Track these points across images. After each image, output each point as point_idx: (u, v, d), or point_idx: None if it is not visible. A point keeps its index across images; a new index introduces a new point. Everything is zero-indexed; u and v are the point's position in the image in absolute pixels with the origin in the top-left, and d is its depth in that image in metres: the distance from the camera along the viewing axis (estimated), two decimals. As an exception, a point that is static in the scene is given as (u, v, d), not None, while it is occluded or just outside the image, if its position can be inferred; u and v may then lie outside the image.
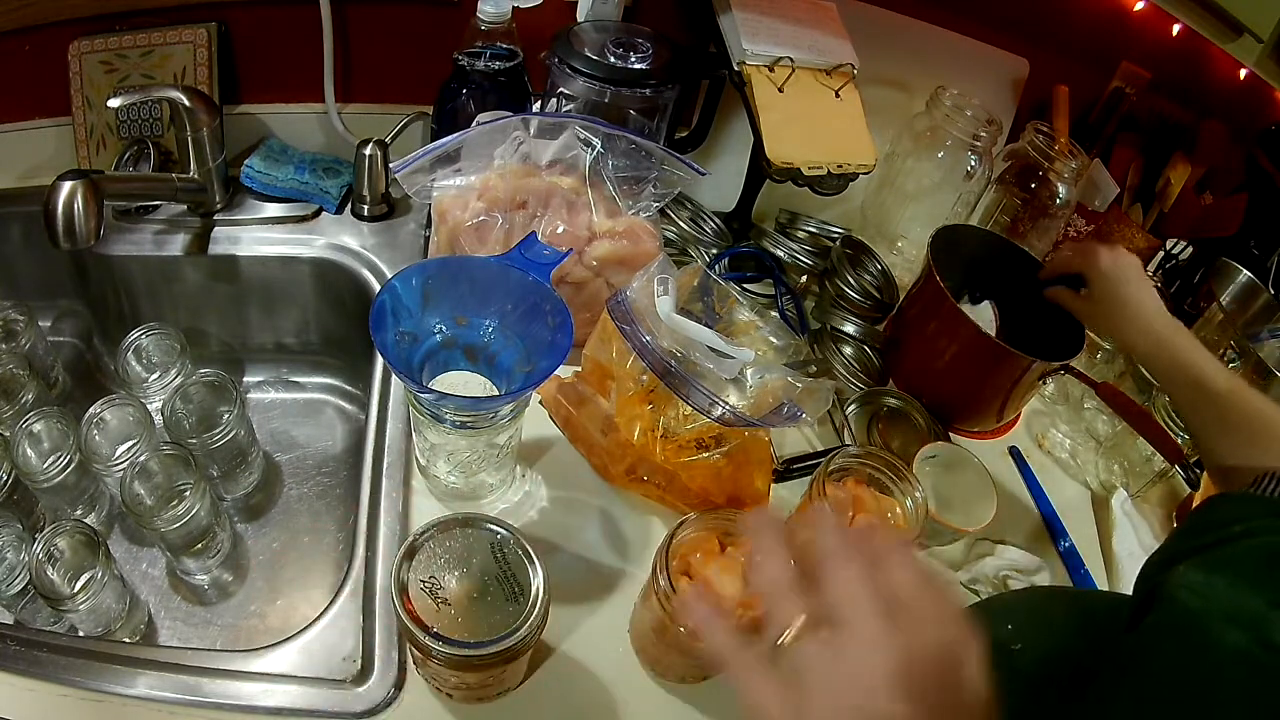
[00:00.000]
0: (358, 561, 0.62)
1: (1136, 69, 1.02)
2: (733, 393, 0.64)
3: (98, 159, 0.86)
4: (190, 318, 0.90)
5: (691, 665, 0.57)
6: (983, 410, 0.83)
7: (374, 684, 0.55)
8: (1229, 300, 0.98)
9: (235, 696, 0.53)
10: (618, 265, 0.74)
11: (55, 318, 0.93)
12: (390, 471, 0.67)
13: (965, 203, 0.98)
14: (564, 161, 0.74)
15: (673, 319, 0.61)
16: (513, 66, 0.84)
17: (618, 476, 0.68)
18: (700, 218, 0.93)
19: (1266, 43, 0.83)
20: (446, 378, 0.62)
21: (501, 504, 0.68)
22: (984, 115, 0.92)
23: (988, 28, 1.00)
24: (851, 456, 0.61)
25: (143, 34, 0.81)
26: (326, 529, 0.85)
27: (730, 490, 0.66)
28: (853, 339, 0.86)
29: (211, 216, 0.85)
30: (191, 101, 0.75)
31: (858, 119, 0.83)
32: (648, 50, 0.80)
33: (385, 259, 0.86)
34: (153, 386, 0.80)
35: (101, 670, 0.53)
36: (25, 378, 0.74)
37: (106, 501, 0.78)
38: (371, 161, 0.86)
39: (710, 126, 0.94)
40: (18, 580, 0.65)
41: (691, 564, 0.55)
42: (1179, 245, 1.02)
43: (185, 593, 0.77)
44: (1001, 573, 0.68)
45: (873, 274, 0.94)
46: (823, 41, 0.83)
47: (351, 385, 0.97)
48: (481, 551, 0.50)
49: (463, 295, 0.59)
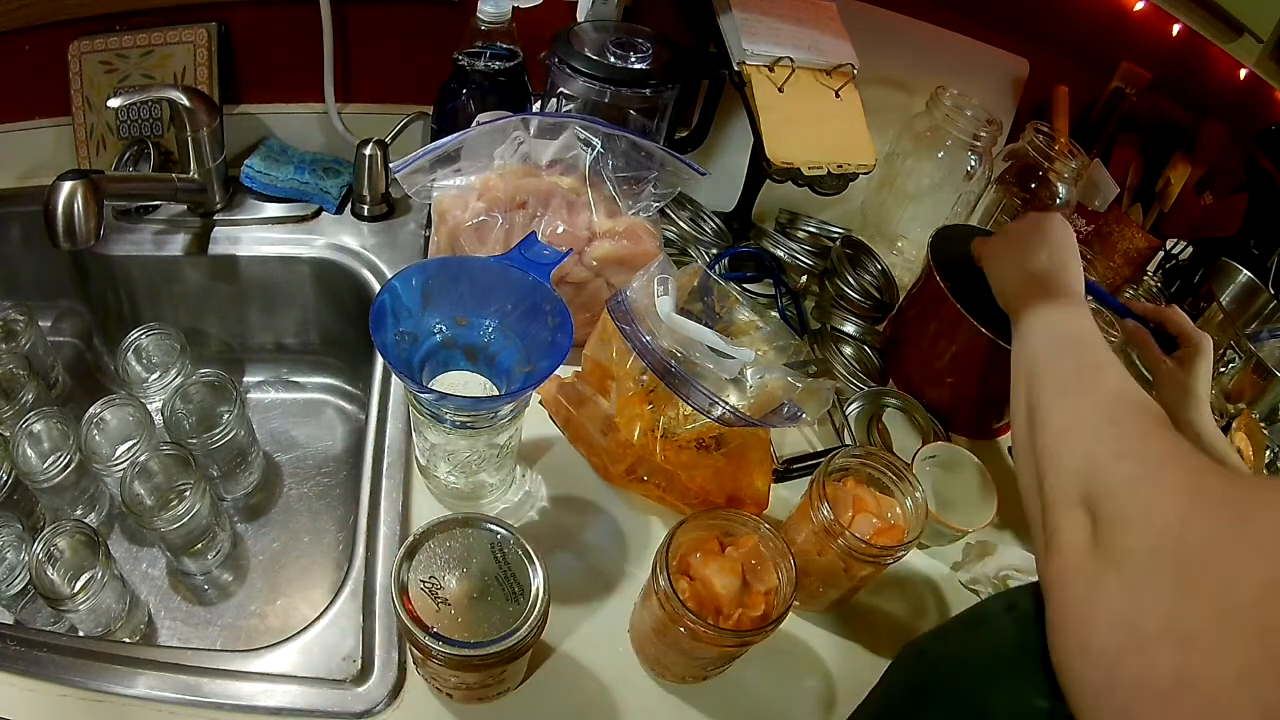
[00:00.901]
0: (358, 561, 0.62)
1: (1136, 69, 1.02)
2: (733, 393, 0.64)
3: (98, 159, 0.86)
4: (190, 318, 0.90)
5: (691, 665, 0.57)
6: (983, 410, 0.83)
7: (374, 684, 0.55)
8: (1229, 300, 0.98)
9: (235, 696, 0.53)
10: (618, 265, 0.74)
11: (55, 318, 0.93)
12: (390, 471, 0.67)
13: (965, 203, 0.98)
14: (564, 161, 0.74)
15: (673, 319, 0.61)
16: (513, 66, 0.84)
17: (618, 476, 0.68)
18: (700, 218, 0.93)
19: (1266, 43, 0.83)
20: (446, 378, 0.62)
21: (501, 504, 0.68)
22: (984, 115, 0.92)
23: (988, 28, 1.00)
24: (851, 456, 0.61)
25: (143, 34, 0.81)
26: (326, 529, 0.85)
27: (730, 490, 0.66)
28: (853, 339, 0.86)
29: (211, 216, 0.85)
30: (191, 101, 0.75)
31: (858, 119, 0.83)
32: (648, 50, 0.80)
33: (385, 259, 0.86)
34: (153, 386, 0.80)
35: (101, 670, 0.53)
36: (25, 378, 0.74)
37: (106, 501, 0.78)
38: (371, 161, 0.86)
39: (710, 126, 0.94)
40: (18, 580, 0.65)
41: (691, 564, 0.55)
42: (1179, 245, 1.02)
43: (185, 593, 0.77)
44: (1001, 572, 0.68)
45: (873, 274, 0.94)
46: (823, 41, 0.83)
47: (351, 385, 0.97)
48: (481, 551, 0.50)
49: (463, 295, 0.59)
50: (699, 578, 0.54)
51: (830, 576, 0.60)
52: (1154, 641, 0.32)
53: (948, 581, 0.71)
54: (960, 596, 0.70)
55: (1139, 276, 1.01)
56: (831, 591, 0.62)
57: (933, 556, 0.72)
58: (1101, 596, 0.35)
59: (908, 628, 0.67)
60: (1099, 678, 0.33)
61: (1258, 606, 0.30)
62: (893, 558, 0.57)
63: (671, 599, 0.50)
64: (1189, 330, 0.69)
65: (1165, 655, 0.31)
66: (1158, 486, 0.38)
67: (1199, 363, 0.67)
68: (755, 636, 0.51)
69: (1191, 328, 0.70)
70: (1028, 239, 0.66)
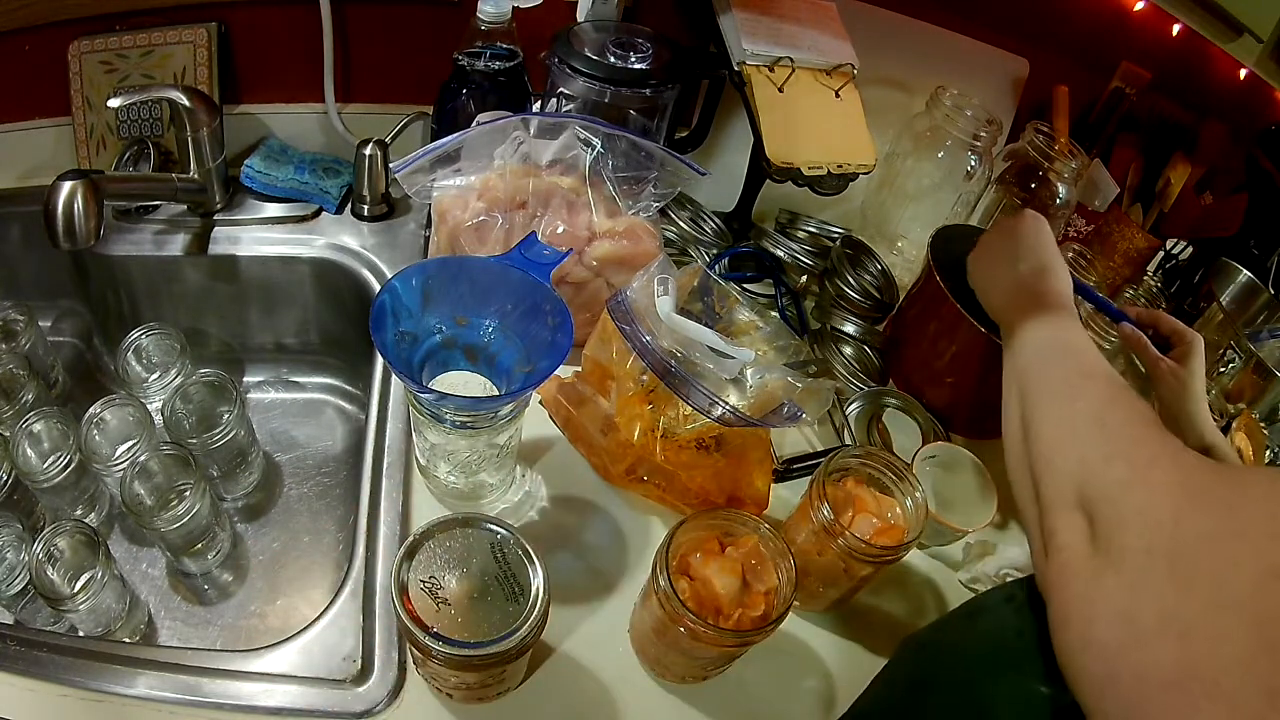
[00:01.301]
0: (358, 561, 0.62)
1: (1136, 69, 1.02)
2: (733, 393, 0.64)
3: (98, 159, 0.86)
4: (190, 318, 0.90)
5: (691, 665, 0.57)
6: (983, 410, 0.83)
7: (374, 684, 0.55)
8: (1229, 300, 0.98)
9: (235, 696, 0.53)
10: (618, 265, 0.74)
11: (55, 318, 0.93)
12: (390, 471, 0.67)
13: (965, 203, 0.98)
14: (564, 161, 0.74)
15: (673, 319, 0.61)
16: (513, 66, 0.84)
17: (618, 476, 0.68)
18: (700, 218, 0.93)
19: (1266, 43, 0.83)
20: (446, 378, 0.62)
21: (501, 504, 0.68)
22: (984, 115, 0.92)
23: (988, 28, 1.00)
24: (851, 456, 0.61)
25: (143, 34, 0.81)
26: (326, 529, 0.85)
27: (730, 490, 0.66)
28: (853, 339, 0.86)
29: (211, 216, 0.85)
30: (191, 101, 0.75)
31: (858, 119, 0.83)
32: (648, 50, 0.80)
33: (385, 259, 0.86)
34: (153, 386, 0.80)
35: (101, 670, 0.53)
36: (25, 378, 0.74)
37: (106, 501, 0.78)
38: (371, 161, 0.86)
39: (710, 126, 0.94)
40: (18, 580, 0.65)
41: (691, 564, 0.55)
42: (1179, 245, 1.02)
43: (185, 593, 0.77)
44: (1001, 572, 0.68)
45: (873, 274, 0.94)
46: (823, 41, 0.83)
47: (351, 385, 0.97)
48: (481, 551, 0.50)
49: (463, 295, 0.59)
50: (699, 578, 0.54)
51: (830, 576, 0.60)
52: (1154, 635, 0.33)
53: (948, 581, 0.71)
54: (960, 596, 0.70)
55: (1139, 276, 1.01)
56: (831, 591, 0.62)
57: (933, 556, 0.72)
58: (1101, 593, 0.36)
59: (908, 627, 0.67)
60: (1103, 670, 0.34)
61: (1253, 595, 0.31)
62: (893, 558, 0.57)
63: (671, 599, 0.50)
64: (1180, 329, 0.71)
65: (1166, 648, 0.32)
66: (1149, 486, 0.39)
67: (1194, 360, 0.69)
68: (755, 636, 0.51)
69: (1182, 327, 0.71)
70: (1003, 248, 0.68)
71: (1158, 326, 0.72)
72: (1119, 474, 0.41)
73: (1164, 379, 0.70)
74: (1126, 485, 0.40)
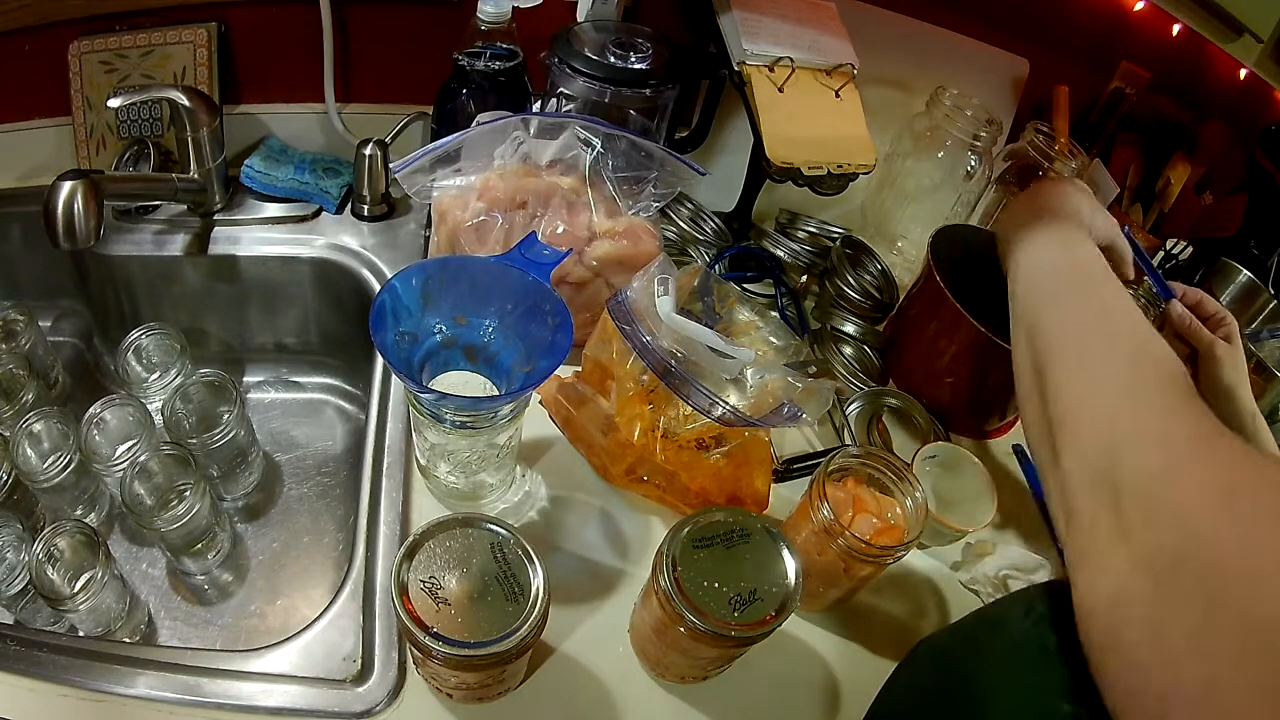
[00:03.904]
0: (358, 561, 0.62)
1: (1136, 69, 1.02)
2: (733, 393, 0.64)
3: (98, 159, 0.86)
4: (190, 318, 0.90)
5: (692, 665, 0.57)
6: (983, 410, 0.83)
7: (374, 684, 0.55)
8: (1229, 300, 0.98)
9: (235, 696, 0.53)
10: (618, 265, 0.74)
11: (55, 318, 0.93)
12: (390, 471, 0.67)
13: (965, 203, 0.98)
14: (564, 161, 0.74)
15: (673, 319, 0.61)
16: (513, 66, 0.84)
17: (618, 476, 0.68)
18: (700, 218, 0.93)
19: (1266, 43, 0.82)
20: (446, 378, 0.62)
21: (501, 504, 0.68)
22: (984, 115, 0.92)
23: (988, 28, 1.00)
24: (851, 456, 0.61)
25: (143, 34, 0.81)
26: (326, 529, 0.85)
27: (730, 490, 0.66)
28: (853, 339, 0.86)
29: (211, 216, 0.85)
30: (191, 101, 0.76)
31: (858, 119, 0.83)
32: (648, 50, 0.80)
33: (385, 259, 0.86)
34: (153, 386, 0.79)
35: (101, 670, 0.53)
36: (25, 378, 0.74)
37: (106, 501, 0.78)
38: (371, 161, 0.86)
39: (710, 126, 0.94)
40: (18, 580, 0.65)
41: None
42: (1179, 245, 1.02)
43: (185, 593, 0.77)
44: (1001, 572, 0.68)
45: (873, 274, 0.94)
46: (823, 41, 0.83)
47: (351, 385, 0.97)
48: (481, 551, 0.50)
49: (463, 295, 0.59)
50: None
51: (830, 576, 0.60)
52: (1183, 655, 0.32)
53: (948, 581, 0.71)
54: (960, 596, 0.70)
55: (1139, 277, 1.01)
56: (831, 591, 0.62)
57: (933, 556, 0.72)
58: (1128, 596, 0.35)
59: (908, 628, 0.67)
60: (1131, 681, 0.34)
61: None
62: (893, 558, 0.57)
63: (672, 599, 0.50)
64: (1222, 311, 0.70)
65: (1193, 668, 0.32)
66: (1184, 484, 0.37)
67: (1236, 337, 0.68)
68: (755, 636, 0.51)
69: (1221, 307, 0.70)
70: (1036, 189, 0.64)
71: (1202, 307, 0.70)
72: (1152, 463, 0.39)
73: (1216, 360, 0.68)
74: (1160, 479, 0.38)
